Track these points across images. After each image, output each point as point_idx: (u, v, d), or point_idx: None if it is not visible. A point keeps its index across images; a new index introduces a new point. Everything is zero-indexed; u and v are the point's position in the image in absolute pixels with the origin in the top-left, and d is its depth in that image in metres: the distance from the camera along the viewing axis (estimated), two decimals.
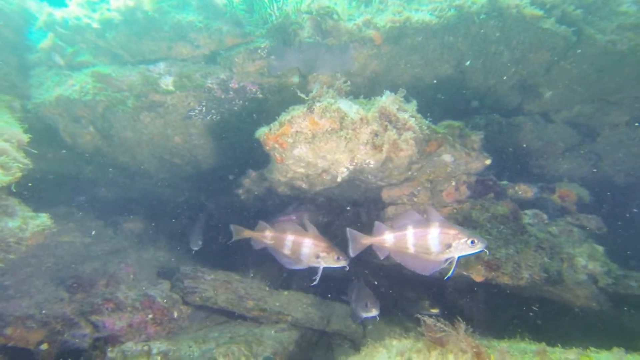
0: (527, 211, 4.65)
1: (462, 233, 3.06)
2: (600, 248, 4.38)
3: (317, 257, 3.68)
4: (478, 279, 4.06)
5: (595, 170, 6.37)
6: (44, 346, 3.33)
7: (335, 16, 4.79)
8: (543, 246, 4.09)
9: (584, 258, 4.23)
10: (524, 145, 6.09)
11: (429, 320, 2.64)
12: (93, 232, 5.11)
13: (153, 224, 6.35)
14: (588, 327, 4.50)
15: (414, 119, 3.66)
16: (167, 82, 4.61)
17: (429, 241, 3.14)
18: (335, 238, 4.76)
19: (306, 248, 3.69)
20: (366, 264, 5.89)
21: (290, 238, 3.76)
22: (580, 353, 2.41)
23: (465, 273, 4.17)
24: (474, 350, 2.32)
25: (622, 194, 6.57)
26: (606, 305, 4.37)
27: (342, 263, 3.68)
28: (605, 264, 4.39)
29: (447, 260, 3.15)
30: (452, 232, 3.08)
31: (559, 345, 2.60)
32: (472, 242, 3.01)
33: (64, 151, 5.20)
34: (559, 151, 6.48)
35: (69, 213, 5.89)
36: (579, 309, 4.43)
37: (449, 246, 3.08)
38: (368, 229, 3.49)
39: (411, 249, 3.23)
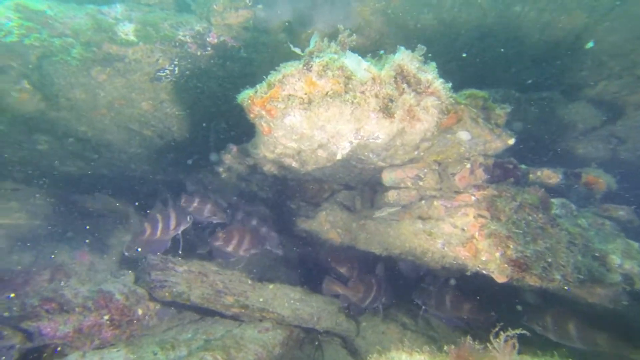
0: (554, 200, 4.03)
1: None
2: (636, 244, 3.81)
3: None
4: (501, 279, 3.44)
5: (614, 154, 5.81)
6: None
7: None
8: (575, 242, 3.48)
9: (618, 256, 3.66)
10: (543, 125, 5.44)
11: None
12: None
13: (118, 204, 5.51)
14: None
15: (439, 80, 2.91)
16: (127, 30, 3.67)
17: None
18: None
19: None
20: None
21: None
22: None
23: (485, 272, 3.55)
24: None
25: None
26: (621, 305, 3.87)
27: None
28: None
29: None
30: None
31: None
32: None
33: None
34: (576, 133, 5.88)
35: (15, 189, 4.99)
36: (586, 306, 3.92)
37: None
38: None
39: None
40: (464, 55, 4.73)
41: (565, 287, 3.21)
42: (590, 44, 4.36)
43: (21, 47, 3.50)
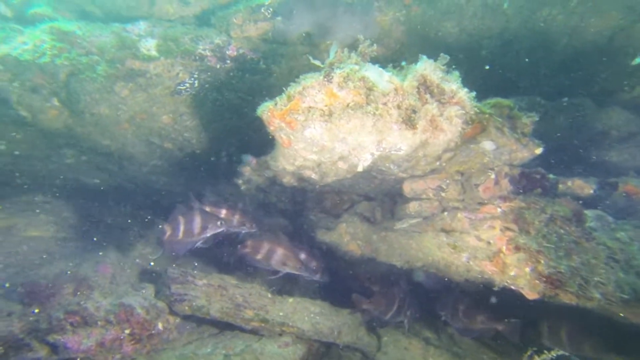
0: (587, 212, 3.80)
1: None
2: None
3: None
4: (531, 295, 3.25)
5: None
6: None
7: None
8: (616, 257, 3.26)
9: None
10: (573, 133, 5.20)
11: None
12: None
13: (130, 220, 5.57)
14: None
15: (464, 90, 2.81)
16: (149, 46, 3.74)
17: None
18: None
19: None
20: None
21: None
22: None
23: (513, 287, 3.37)
24: None
25: None
26: None
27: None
28: None
29: None
30: None
31: None
32: None
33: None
34: (609, 140, 5.59)
35: (44, 202, 5.13)
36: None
37: None
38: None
39: None
40: (487, 67, 4.59)
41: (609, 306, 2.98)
42: (637, 60, 4.13)
43: (53, 67, 3.62)
